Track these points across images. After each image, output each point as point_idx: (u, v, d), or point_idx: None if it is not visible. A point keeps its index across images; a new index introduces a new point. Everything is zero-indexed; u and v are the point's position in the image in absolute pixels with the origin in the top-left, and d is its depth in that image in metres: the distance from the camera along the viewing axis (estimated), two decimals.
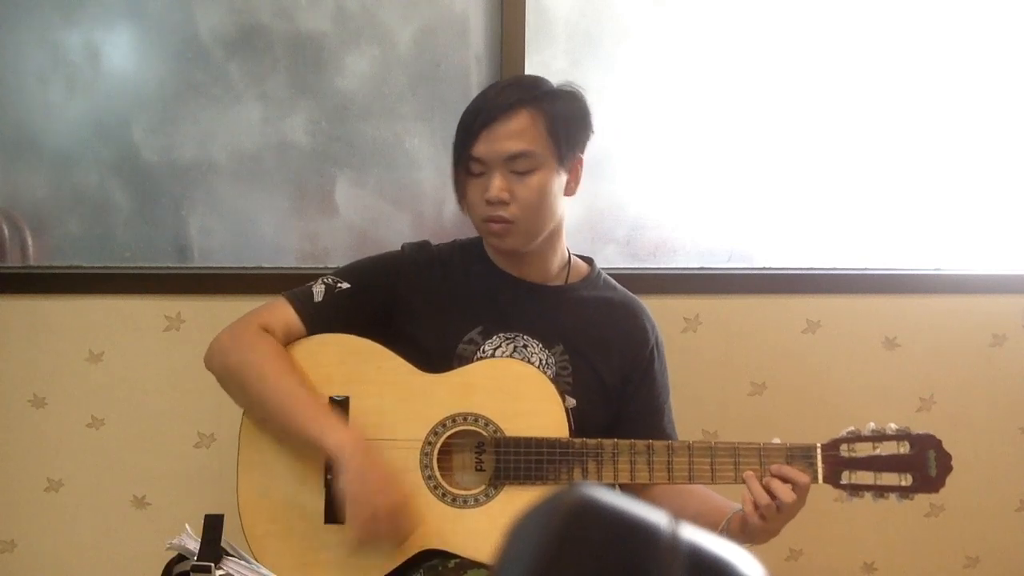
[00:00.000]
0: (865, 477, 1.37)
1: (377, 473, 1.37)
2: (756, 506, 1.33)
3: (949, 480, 1.39)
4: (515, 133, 1.43)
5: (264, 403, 1.43)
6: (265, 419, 1.46)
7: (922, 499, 2.19)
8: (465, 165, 1.46)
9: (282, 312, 1.50)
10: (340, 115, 1.97)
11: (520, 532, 0.59)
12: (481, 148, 1.43)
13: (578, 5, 1.99)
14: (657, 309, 1.65)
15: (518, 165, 1.44)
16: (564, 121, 1.46)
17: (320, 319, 1.50)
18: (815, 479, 1.37)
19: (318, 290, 1.52)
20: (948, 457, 1.37)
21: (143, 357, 1.96)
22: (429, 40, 1.97)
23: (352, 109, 1.97)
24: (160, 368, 1.96)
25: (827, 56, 2.06)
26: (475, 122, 1.44)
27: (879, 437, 1.38)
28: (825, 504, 2.09)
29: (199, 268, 1.99)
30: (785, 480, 1.35)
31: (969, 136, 2.12)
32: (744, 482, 1.37)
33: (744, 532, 1.36)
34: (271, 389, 1.42)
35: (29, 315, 1.93)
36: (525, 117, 1.44)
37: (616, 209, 2.06)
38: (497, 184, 1.43)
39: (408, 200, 2.02)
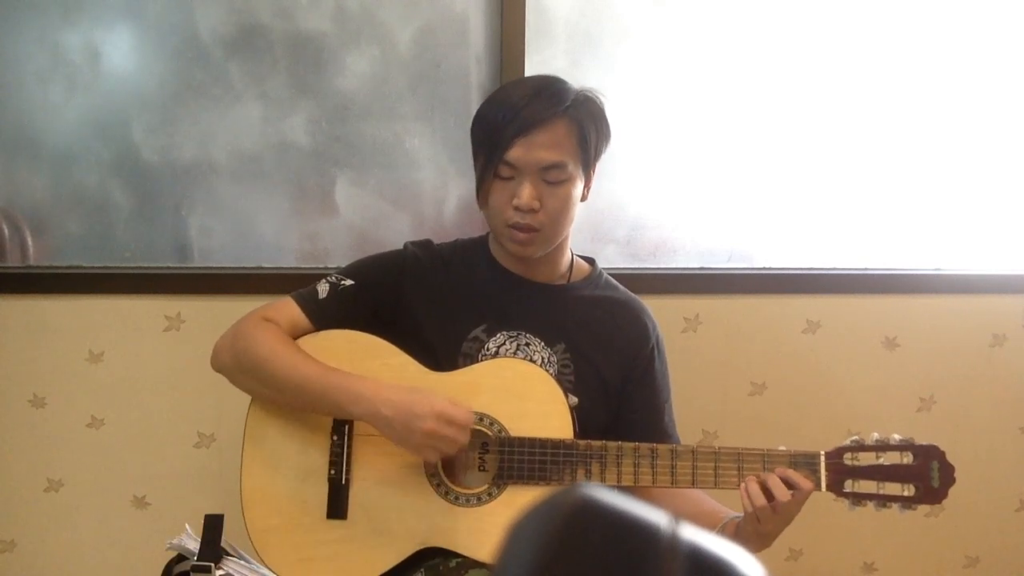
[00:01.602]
0: (868, 486, 1.37)
1: (403, 397, 1.37)
2: (752, 505, 1.33)
3: None
4: (552, 144, 1.42)
5: (275, 378, 1.43)
6: (280, 396, 1.46)
7: None
8: (495, 168, 1.45)
9: (287, 309, 1.51)
10: (340, 115, 1.97)
11: (521, 531, 0.59)
12: (517, 154, 1.42)
13: (578, 5, 1.99)
14: (657, 309, 1.65)
15: (550, 175, 1.43)
16: (594, 133, 1.47)
17: (325, 315, 1.51)
18: (818, 487, 1.37)
19: (322, 288, 1.53)
20: (951, 468, 1.37)
21: (143, 357, 1.96)
22: (429, 40, 1.97)
23: (352, 109, 1.97)
24: (160, 368, 1.96)
25: (827, 56, 2.06)
26: (510, 126, 1.41)
27: (883, 447, 1.38)
28: (825, 504, 2.09)
29: (199, 268, 1.99)
30: (789, 484, 1.35)
31: (969, 136, 2.12)
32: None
33: (738, 538, 1.36)
34: (282, 364, 1.43)
35: (29, 315, 1.93)
36: (562, 128, 1.43)
37: (616, 209, 2.06)
38: (529, 192, 1.43)
39: (408, 200, 2.02)
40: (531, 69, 1.95)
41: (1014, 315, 2.15)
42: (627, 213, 2.07)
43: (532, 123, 1.41)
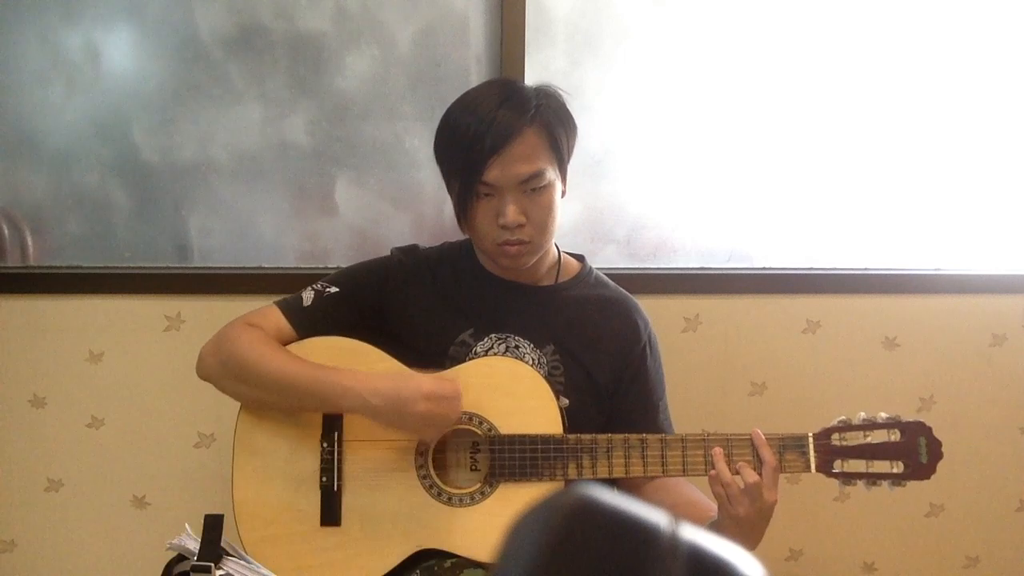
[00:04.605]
0: (857, 465, 1.39)
1: (390, 384, 1.38)
2: (722, 485, 1.33)
3: (949, 480, 1.40)
4: (526, 155, 1.41)
5: (262, 378, 1.43)
6: (268, 396, 1.45)
7: (922, 499, 2.19)
8: (474, 190, 1.43)
9: (272, 317, 1.51)
10: (340, 115, 1.97)
11: (520, 532, 0.59)
12: (494, 174, 1.40)
13: (578, 5, 1.99)
14: (657, 309, 1.65)
15: (530, 185, 1.42)
16: (563, 132, 1.46)
17: (310, 323, 1.51)
18: (807, 468, 1.38)
19: (307, 296, 1.53)
20: (938, 444, 1.39)
21: (143, 357, 1.96)
22: (429, 40, 1.97)
23: (352, 109, 1.97)
24: (160, 368, 1.96)
25: (827, 56, 2.05)
26: (482, 147, 1.39)
27: (870, 425, 1.40)
28: (825, 504, 2.09)
29: (199, 268, 1.99)
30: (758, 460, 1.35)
31: (969, 136, 2.12)
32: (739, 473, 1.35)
33: (717, 528, 1.34)
34: (269, 365, 1.43)
35: (29, 315, 1.93)
36: (532, 136, 1.41)
37: (616, 209, 2.06)
38: (513, 209, 1.42)
39: (408, 200, 2.02)
40: (531, 69, 1.95)
41: (1014, 315, 2.15)
42: (627, 213, 2.07)
43: (503, 139, 1.39)
